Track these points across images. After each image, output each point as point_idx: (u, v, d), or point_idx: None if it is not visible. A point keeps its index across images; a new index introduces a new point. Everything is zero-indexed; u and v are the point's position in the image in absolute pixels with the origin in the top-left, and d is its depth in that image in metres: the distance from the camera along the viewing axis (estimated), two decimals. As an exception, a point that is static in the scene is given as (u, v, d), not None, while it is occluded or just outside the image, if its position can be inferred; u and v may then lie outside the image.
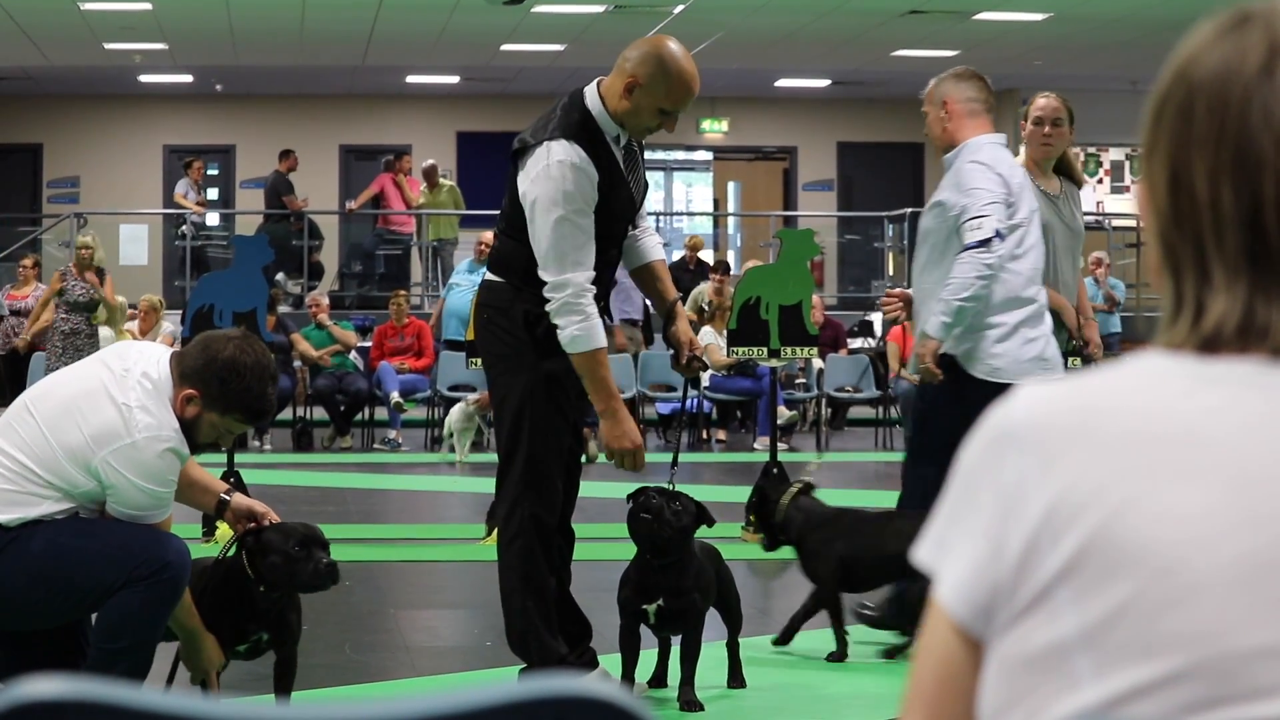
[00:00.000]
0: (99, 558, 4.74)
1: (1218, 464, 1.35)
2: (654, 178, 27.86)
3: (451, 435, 15.44)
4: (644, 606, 5.70)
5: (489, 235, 18.47)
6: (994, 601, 1.39)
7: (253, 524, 5.09)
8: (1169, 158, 1.43)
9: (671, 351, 6.03)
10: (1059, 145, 7.42)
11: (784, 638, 6.72)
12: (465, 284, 17.56)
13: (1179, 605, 1.32)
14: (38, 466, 4.77)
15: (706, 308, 17.25)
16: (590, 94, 5.70)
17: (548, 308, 5.59)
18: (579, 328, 5.55)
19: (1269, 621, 1.31)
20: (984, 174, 6.67)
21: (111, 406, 4.76)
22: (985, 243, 6.49)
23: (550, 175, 5.58)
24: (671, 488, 5.76)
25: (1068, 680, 1.35)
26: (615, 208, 5.71)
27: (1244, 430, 1.36)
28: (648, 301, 6.05)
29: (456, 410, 15.43)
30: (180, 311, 16.20)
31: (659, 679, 5.98)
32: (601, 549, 7.93)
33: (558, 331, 5.58)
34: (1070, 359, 7.30)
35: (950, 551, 1.43)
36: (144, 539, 4.79)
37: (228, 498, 5.13)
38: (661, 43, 5.70)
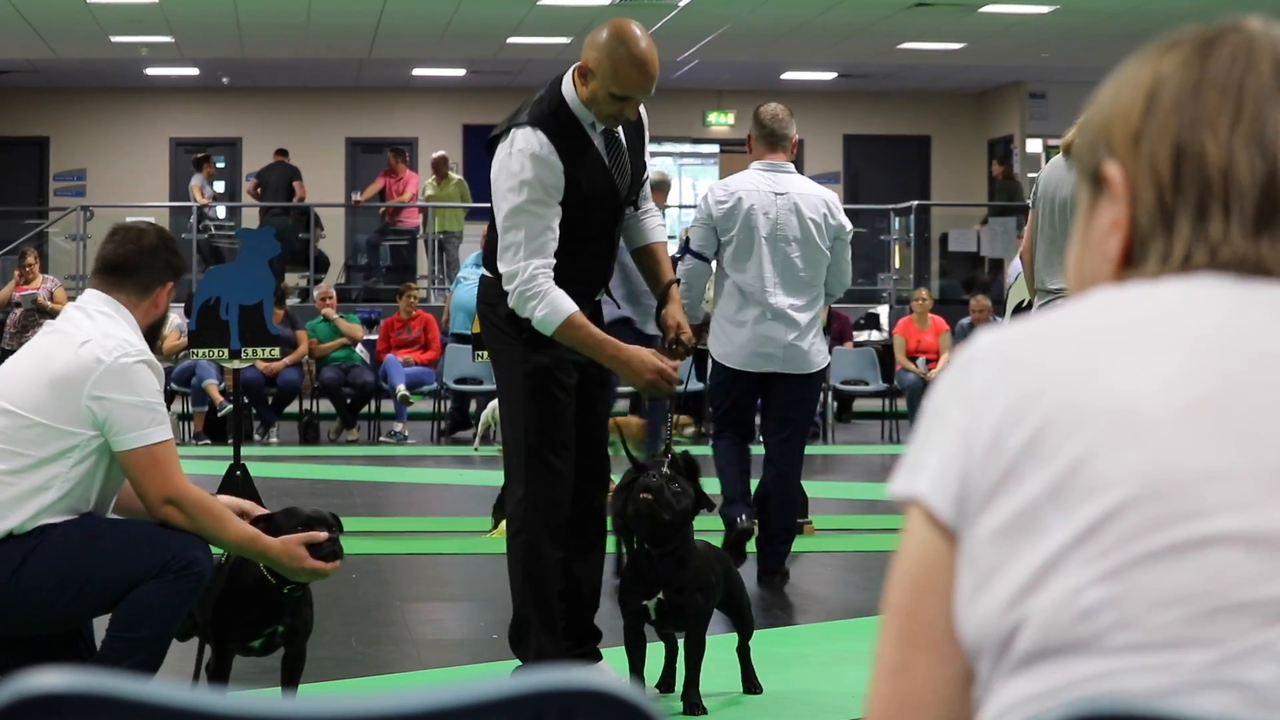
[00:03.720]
0: (130, 554, 4.75)
1: (1165, 336, 1.44)
2: (660, 170, 27.98)
3: (490, 426, 15.43)
4: (644, 602, 5.64)
5: None
6: (966, 487, 1.45)
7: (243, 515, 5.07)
8: (1174, 135, 1.52)
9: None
10: None
11: None
12: (472, 278, 17.57)
13: (1132, 442, 1.40)
14: (32, 449, 4.77)
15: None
16: (566, 80, 5.65)
17: (510, 301, 5.56)
18: (542, 308, 5.52)
19: (1218, 448, 1.39)
20: (701, 202, 8.38)
21: (71, 349, 4.81)
22: (680, 257, 8.21)
23: (510, 164, 5.56)
24: (665, 473, 5.71)
25: (1038, 533, 1.41)
26: (591, 196, 5.64)
27: (1198, 314, 1.45)
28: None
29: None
30: (185, 304, 16.24)
31: (666, 683, 5.92)
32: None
33: (530, 323, 5.56)
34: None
35: (924, 465, 1.48)
36: (173, 534, 4.80)
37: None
38: (617, 26, 5.58)
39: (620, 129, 5.74)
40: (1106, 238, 1.55)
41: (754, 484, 8.50)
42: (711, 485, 9.27)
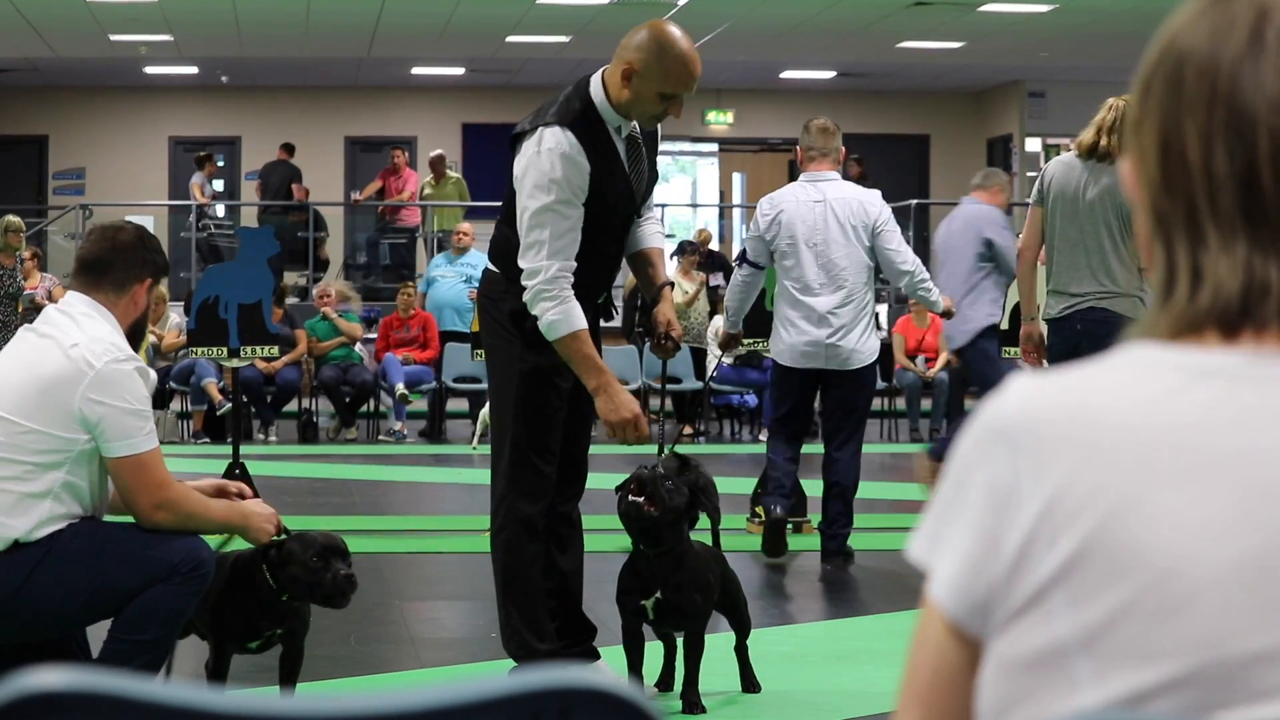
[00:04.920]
0: (138, 561, 4.74)
1: (1214, 466, 1.33)
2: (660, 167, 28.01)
3: (489, 425, 15.37)
4: (642, 602, 5.64)
5: (466, 225, 18.62)
6: (989, 600, 1.38)
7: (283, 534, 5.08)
8: (1159, 125, 1.42)
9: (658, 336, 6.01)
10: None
11: None
12: (450, 275, 17.63)
13: (1178, 610, 1.31)
14: (29, 456, 4.76)
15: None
16: (594, 83, 5.65)
17: (524, 296, 5.55)
18: (555, 313, 5.51)
19: (1270, 625, 1.30)
20: (756, 214, 9.13)
21: (60, 352, 4.79)
22: (737, 265, 9.26)
23: (539, 162, 5.53)
24: (659, 471, 5.70)
25: (1067, 683, 1.34)
26: (610, 199, 5.65)
27: (1239, 428, 1.34)
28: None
29: None
30: (184, 302, 16.23)
31: (665, 681, 5.91)
32: (598, 540, 7.93)
33: (537, 321, 5.55)
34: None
35: (944, 548, 1.41)
36: (178, 538, 4.81)
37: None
38: (658, 27, 5.63)
39: (640, 136, 5.76)
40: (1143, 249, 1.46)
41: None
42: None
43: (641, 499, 5.57)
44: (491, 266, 5.84)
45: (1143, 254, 1.46)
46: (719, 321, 16.74)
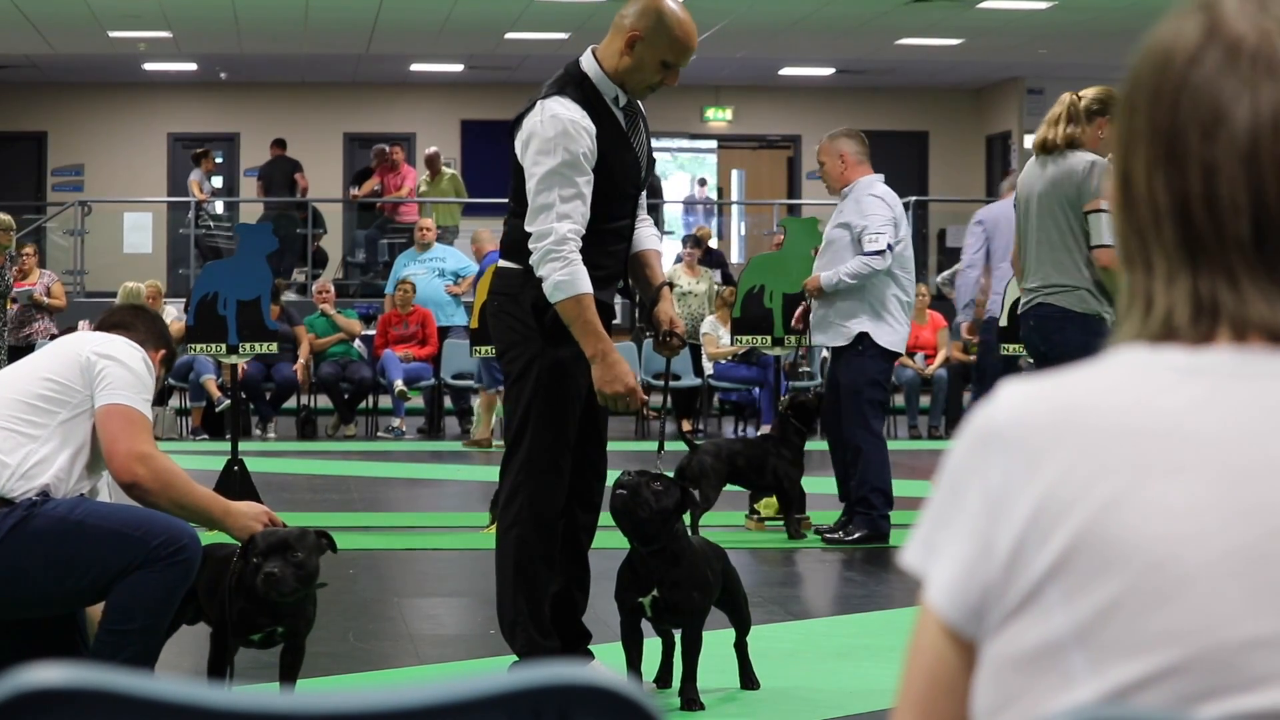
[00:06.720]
0: (116, 537, 4.74)
1: (1204, 458, 1.34)
2: (658, 167, 27.98)
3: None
4: (639, 599, 5.64)
5: (427, 222, 18.64)
6: (984, 602, 1.38)
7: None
8: (1120, 150, 1.44)
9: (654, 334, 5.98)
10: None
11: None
12: (423, 272, 17.63)
13: (1171, 600, 1.32)
14: (42, 402, 4.88)
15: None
16: (586, 59, 5.70)
17: (531, 260, 5.53)
18: (561, 274, 5.49)
19: (1262, 611, 1.31)
20: (880, 204, 9.51)
21: (79, 333, 5.11)
22: (879, 253, 9.37)
23: (542, 130, 5.55)
24: (649, 471, 5.69)
25: (1063, 677, 1.34)
26: (618, 168, 5.66)
27: (1229, 423, 1.35)
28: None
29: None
30: (184, 299, 16.24)
31: (664, 678, 5.91)
32: (599, 537, 7.92)
33: (542, 283, 5.53)
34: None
35: (939, 554, 1.42)
36: (159, 519, 4.81)
37: None
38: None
39: (635, 108, 5.79)
40: None
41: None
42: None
43: (625, 493, 5.55)
44: (505, 263, 5.78)
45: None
46: (709, 322, 16.84)
